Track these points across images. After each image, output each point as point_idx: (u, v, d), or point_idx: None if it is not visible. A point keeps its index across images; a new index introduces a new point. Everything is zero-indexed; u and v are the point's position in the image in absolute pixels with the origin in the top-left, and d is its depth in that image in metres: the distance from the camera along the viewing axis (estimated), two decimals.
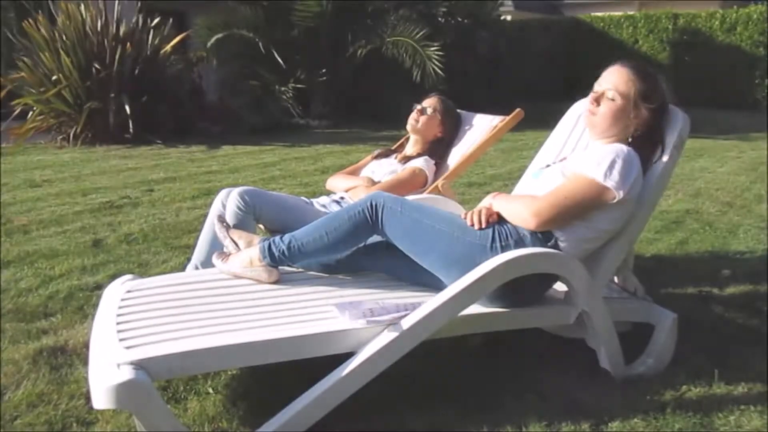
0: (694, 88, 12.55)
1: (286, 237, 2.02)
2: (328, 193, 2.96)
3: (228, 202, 2.47)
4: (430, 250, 1.92)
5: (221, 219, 2.32)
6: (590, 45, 15.04)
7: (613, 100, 1.96)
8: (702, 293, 2.81)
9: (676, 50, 14.95)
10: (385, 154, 2.98)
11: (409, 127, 2.85)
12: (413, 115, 2.84)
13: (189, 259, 2.58)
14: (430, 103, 2.86)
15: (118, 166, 5.96)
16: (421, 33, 9.27)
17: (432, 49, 9.10)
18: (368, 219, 1.94)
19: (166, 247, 3.35)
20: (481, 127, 2.85)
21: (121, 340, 1.68)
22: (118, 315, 1.86)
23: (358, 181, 2.79)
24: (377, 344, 1.72)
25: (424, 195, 2.58)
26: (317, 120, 9.86)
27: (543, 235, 1.88)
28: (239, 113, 8.89)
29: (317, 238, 1.97)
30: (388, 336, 1.73)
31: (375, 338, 1.74)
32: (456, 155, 2.85)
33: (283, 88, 9.48)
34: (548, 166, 2.11)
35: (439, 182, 2.67)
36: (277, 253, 2.00)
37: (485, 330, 1.99)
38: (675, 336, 2.15)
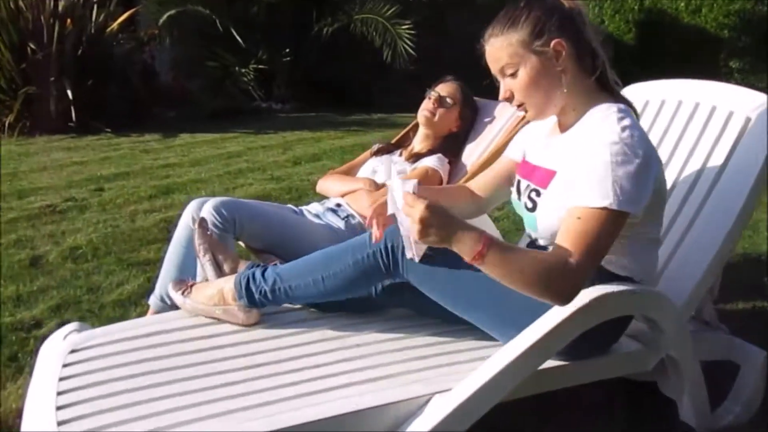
0: (659, 69, 12.38)
1: (270, 274, 1.56)
2: (320, 198, 2.46)
3: (202, 215, 1.95)
4: (477, 305, 1.48)
5: (204, 225, 1.81)
6: None
7: (513, 74, 1.40)
8: (756, 308, 2.44)
9: (642, 31, 14.80)
10: (387, 150, 2.49)
11: (422, 119, 2.36)
12: (428, 106, 2.35)
13: (151, 290, 2.05)
14: (449, 91, 2.37)
15: (61, 160, 5.27)
16: (391, 10, 8.71)
17: (403, 27, 8.57)
18: (381, 266, 1.48)
19: (120, 265, 2.80)
20: (504, 117, 2.38)
21: (60, 423, 1.24)
22: (59, 385, 1.38)
23: (356, 183, 2.30)
24: (430, 419, 1.26)
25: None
26: (281, 103, 9.24)
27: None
28: (196, 97, 8.21)
29: (310, 284, 1.53)
30: (444, 407, 1.27)
31: (423, 412, 1.29)
32: (474, 151, 2.38)
33: (243, 70, 8.79)
34: (537, 192, 1.48)
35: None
36: (257, 295, 1.55)
37: (550, 388, 1.54)
38: (765, 377, 1.76)
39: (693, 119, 1.87)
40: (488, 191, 1.73)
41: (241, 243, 2.05)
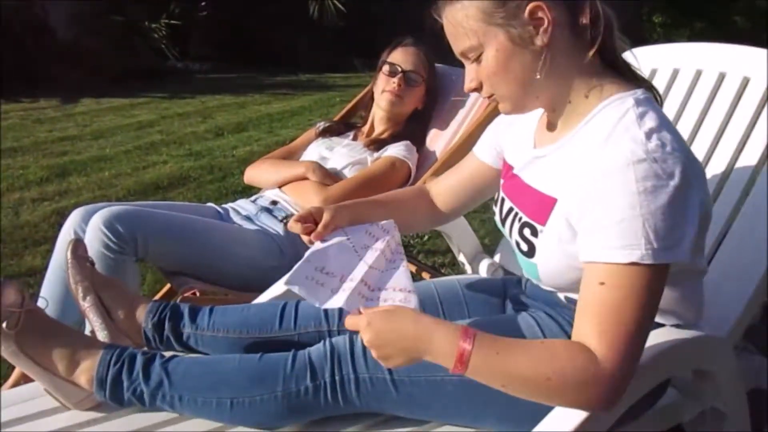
0: None
1: (156, 371, 1.09)
2: (251, 192, 1.96)
3: (88, 232, 1.44)
4: (479, 415, 1.07)
5: (80, 253, 1.30)
6: None
7: (477, 59, 0.96)
8: None
9: None
10: (336, 131, 2.00)
11: (385, 104, 1.87)
12: (391, 87, 1.86)
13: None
14: (413, 63, 1.89)
15: None
16: None
17: None
18: (324, 402, 1.06)
19: None
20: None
21: None
22: None
23: (297, 169, 1.82)
24: None
25: None
26: (198, 63, 8.45)
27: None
28: (99, 56, 7.30)
29: (211, 404, 1.08)
30: None
31: None
32: (441, 137, 1.94)
33: (154, 25, 7.93)
34: (533, 230, 1.02)
35: (428, 179, 1.76)
36: (126, 394, 1.09)
37: None
38: None
39: (719, 91, 1.49)
40: (449, 203, 1.29)
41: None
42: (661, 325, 1.05)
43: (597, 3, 0.92)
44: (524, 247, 1.03)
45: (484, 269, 1.76)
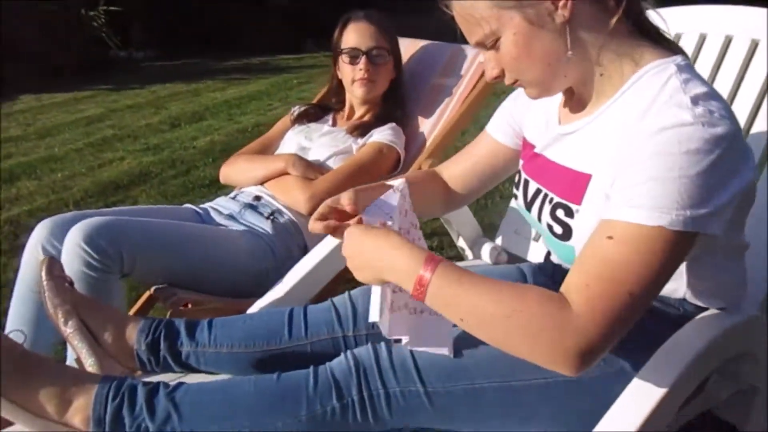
0: None
1: (162, 404, 0.96)
2: (228, 190, 1.83)
3: (67, 250, 1.28)
4: (524, 420, 0.97)
5: (55, 272, 1.16)
6: None
7: (495, 45, 0.87)
8: None
9: None
10: (314, 116, 1.87)
11: (359, 92, 1.74)
12: (359, 74, 1.72)
13: None
14: (372, 39, 1.74)
15: None
16: None
17: None
18: (355, 417, 0.95)
19: None
20: (468, 64, 1.84)
21: None
22: None
23: (276, 163, 1.69)
24: None
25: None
26: (142, 51, 8.09)
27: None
28: (35, 49, 6.88)
29: None
30: None
31: None
32: (430, 114, 1.83)
33: (92, 13, 7.52)
34: (567, 211, 0.94)
35: (423, 163, 1.65)
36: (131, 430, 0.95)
37: None
38: None
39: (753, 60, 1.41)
40: (466, 186, 1.21)
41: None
42: (704, 309, 0.99)
43: None
44: (558, 229, 0.94)
45: (486, 254, 1.68)
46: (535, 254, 1.55)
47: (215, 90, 5.62)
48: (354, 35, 1.74)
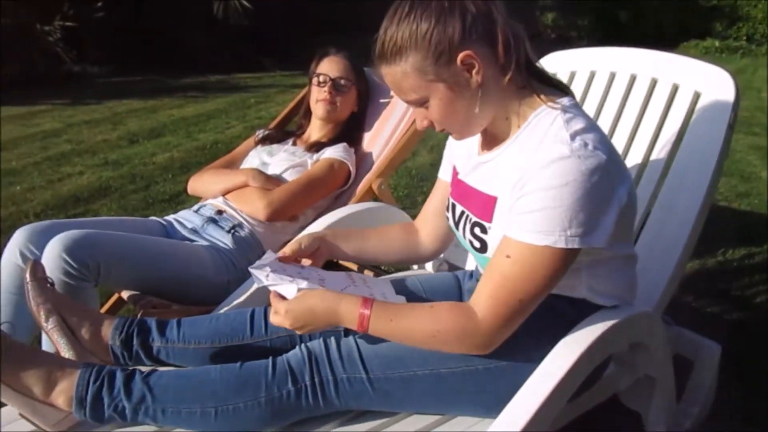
0: None
1: (137, 386, 1.11)
2: (193, 202, 1.96)
3: (48, 259, 1.39)
4: (451, 403, 1.17)
5: (39, 273, 1.28)
6: None
7: (424, 105, 1.07)
8: (702, 298, 2.35)
9: None
10: (276, 138, 2.04)
11: (321, 112, 1.94)
12: (323, 96, 1.92)
13: None
14: (340, 71, 1.95)
15: None
16: None
17: None
18: (305, 404, 1.13)
19: None
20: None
21: None
22: None
23: (238, 177, 1.84)
24: None
25: (360, 206, 1.73)
26: (97, 66, 8.06)
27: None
28: None
29: (195, 414, 1.11)
30: None
31: None
32: (380, 135, 2.02)
33: (47, 28, 7.49)
34: (482, 228, 1.14)
35: (373, 182, 1.84)
36: (108, 411, 1.10)
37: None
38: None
39: (631, 93, 1.67)
40: (434, 229, 1.38)
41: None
42: (601, 307, 1.18)
43: (506, 29, 1.02)
44: (477, 244, 1.14)
45: (429, 264, 1.86)
46: (471, 263, 1.74)
47: (173, 107, 5.69)
48: (327, 65, 1.96)
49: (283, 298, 1.10)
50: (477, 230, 1.13)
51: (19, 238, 1.49)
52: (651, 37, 12.30)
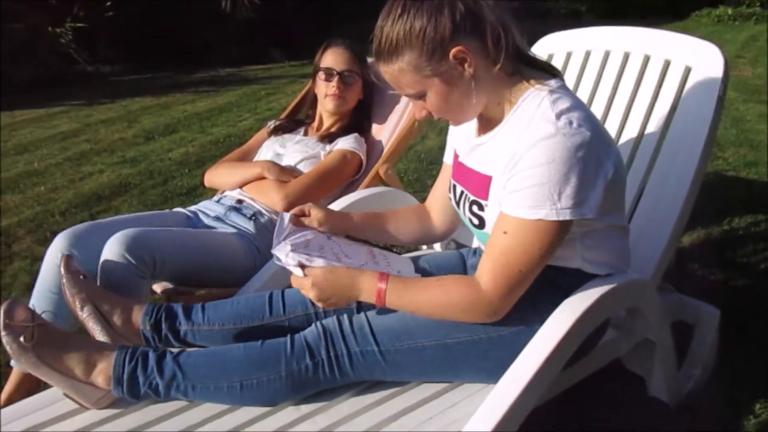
0: None
1: (169, 365, 1.22)
2: (212, 194, 2.06)
3: (109, 259, 1.48)
4: (457, 371, 1.27)
5: (72, 266, 1.39)
6: None
7: (421, 97, 1.15)
8: (702, 266, 2.42)
9: None
10: (288, 128, 2.12)
11: (331, 106, 2.01)
12: (331, 90, 1.99)
13: None
14: (346, 63, 2.01)
15: None
16: None
17: None
18: (323, 378, 1.23)
19: None
20: None
21: None
22: None
23: (254, 169, 1.92)
24: None
25: (368, 191, 1.81)
26: (109, 65, 8.18)
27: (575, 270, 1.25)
28: (5, 66, 6.96)
29: (222, 389, 1.22)
30: None
31: None
32: (387, 124, 2.09)
33: (59, 30, 7.62)
34: (479, 206, 1.22)
35: (380, 168, 1.92)
36: (143, 388, 1.21)
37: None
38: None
39: (625, 70, 1.73)
40: (442, 211, 1.48)
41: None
42: (596, 276, 1.26)
43: (494, 22, 1.09)
44: (475, 221, 1.23)
45: (438, 244, 1.95)
46: (476, 242, 1.82)
47: (185, 103, 5.79)
48: (331, 57, 2.01)
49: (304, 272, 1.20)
50: (475, 208, 1.22)
51: (60, 243, 1.57)
52: (662, 8, 12.19)
